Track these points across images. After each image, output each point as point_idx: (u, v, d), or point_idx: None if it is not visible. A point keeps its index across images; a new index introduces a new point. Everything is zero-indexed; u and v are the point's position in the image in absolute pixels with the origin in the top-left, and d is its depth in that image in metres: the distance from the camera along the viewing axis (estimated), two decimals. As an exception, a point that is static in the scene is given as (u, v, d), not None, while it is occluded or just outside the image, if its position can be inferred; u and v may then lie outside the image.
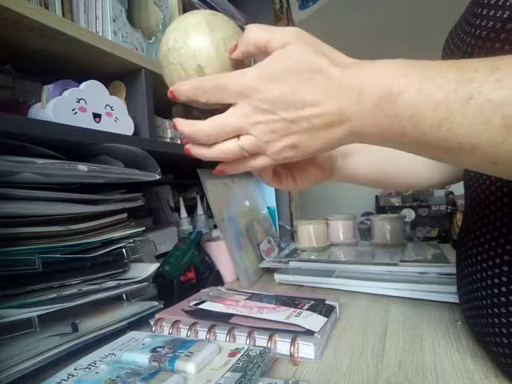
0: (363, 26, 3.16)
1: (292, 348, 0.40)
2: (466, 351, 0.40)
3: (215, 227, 0.85)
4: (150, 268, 0.55)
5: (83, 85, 0.53)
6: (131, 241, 0.55)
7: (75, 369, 0.37)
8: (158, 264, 0.57)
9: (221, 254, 0.76)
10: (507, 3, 0.32)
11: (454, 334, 0.44)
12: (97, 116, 0.54)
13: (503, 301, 0.33)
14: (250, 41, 0.31)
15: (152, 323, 0.48)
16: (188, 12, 0.35)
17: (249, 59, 0.35)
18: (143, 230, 0.58)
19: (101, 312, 0.48)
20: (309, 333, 0.41)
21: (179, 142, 0.70)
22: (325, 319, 0.45)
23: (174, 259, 0.64)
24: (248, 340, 0.42)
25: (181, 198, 0.83)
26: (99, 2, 0.58)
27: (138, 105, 0.63)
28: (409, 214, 1.09)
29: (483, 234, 0.38)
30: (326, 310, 0.48)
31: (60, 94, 0.51)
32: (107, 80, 0.61)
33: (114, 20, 0.60)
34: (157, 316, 0.49)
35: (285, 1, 1.82)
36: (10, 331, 0.37)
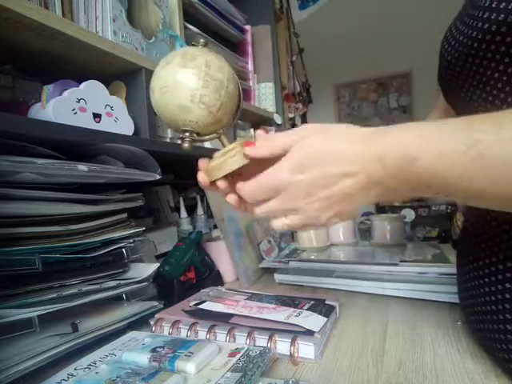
0: (363, 26, 3.16)
1: (292, 348, 0.40)
2: (466, 351, 0.40)
3: (215, 227, 0.85)
4: (150, 268, 0.55)
5: (83, 85, 0.53)
6: (131, 241, 0.55)
7: (75, 369, 0.37)
8: (158, 264, 0.57)
9: (221, 254, 0.76)
10: (501, 6, 0.32)
11: (454, 334, 0.44)
12: (97, 116, 0.54)
13: (507, 307, 0.33)
14: (277, 145, 0.35)
15: (152, 323, 0.48)
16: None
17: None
18: (143, 230, 0.58)
19: (101, 312, 0.48)
20: (309, 333, 0.41)
21: (179, 142, 0.70)
22: (325, 319, 0.45)
23: (174, 259, 0.63)
24: (248, 340, 0.42)
25: (181, 198, 0.83)
26: (99, 2, 0.58)
27: (138, 105, 0.63)
28: (409, 214, 1.09)
29: (488, 238, 0.38)
30: (326, 310, 0.48)
31: (60, 94, 0.51)
32: (107, 80, 0.61)
33: (114, 20, 0.60)
34: (157, 316, 0.49)
35: (285, 1, 1.81)
36: (10, 331, 0.37)
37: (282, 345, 0.41)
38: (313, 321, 0.44)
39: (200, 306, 0.51)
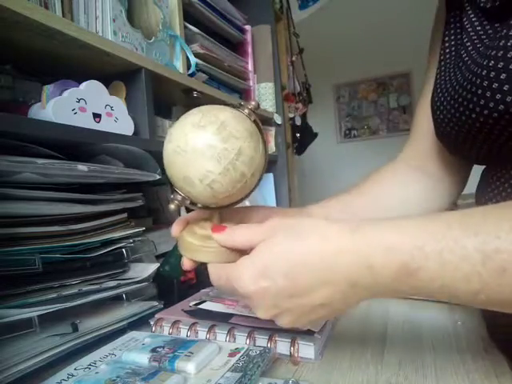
0: (363, 26, 3.16)
1: (292, 348, 0.40)
2: (466, 351, 0.40)
3: (215, 227, 0.85)
4: (150, 268, 0.55)
5: (83, 85, 0.53)
6: (131, 241, 0.55)
7: (75, 369, 0.37)
8: (158, 264, 0.57)
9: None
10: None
11: (454, 334, 0.44)
12: (97, 116, 0.54)
13: None
14: (240, 242, 0.32)
15: (152, 323, 0.48)
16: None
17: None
18: (143, 230, 0.58)
19: (101, 312, 0.48)
20: (309, 333, 0.41)
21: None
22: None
23: (174, 259, 0.63)
24: (248, 340, 0.42)
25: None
26: (99, 2, 0.58)
27: (138, 105, 0.63)
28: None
29: None
30: (326, 310, 0.48)
31: (60, 94, 0.51)
32: (107, 80, 0.61)
33: (114, 20, 0.60)
34: (157, 316, 0.49)
35: (285, 1, 1.81)
36: (10, 331, 0.37)
37: (282, 345, 0.41)
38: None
39: (200, 306, 0.51)
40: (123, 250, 0.53)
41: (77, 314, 0.46)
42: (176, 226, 0.36)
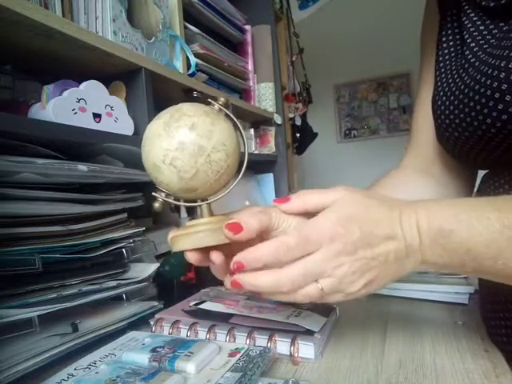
0: (363, 26, 3.16)
1: (292, 348, 0.40)
2: (466, 351, 0.40)
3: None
4: (150, 268, 0.55)
5: (83, 85, 0.53)
6: (131, 241, 0.55)
7: (75, 369, 0.37)
8: (158, 264, 0.57)
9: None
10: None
11: (454, 334, 0.44)
12: (97, 116, 0.54)
13: None
14: (312, 201, 0.33)
15: (152, 323, 0.48)
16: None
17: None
18: (143, 230, 0.58)
19: (101, 312, 0.48)
20: (309, 333, 0.41)
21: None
22: (325, 319, 0.45)
23: (174, 259, 0.63)
24: (248, 340, 0.42)
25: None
26: (99, 2, 0.58)
27: (138, 105, 0.63)
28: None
29: None
30: (326, 310, 0.48)
31: (60, 94, 0.51)
32: (107, 80, 0.61)
33: (114, 20, 0.60)
34: (157, 316, 0.49)
35: (285, 1, 1.82)
36: (10, 331, 0.37)
37: (282, 345, 0.41)
38: (313, 321, 0.44)
39: (200, 306, 0.51)
40: (123, 250, 0.53)
41: (77, 314, 0.46)
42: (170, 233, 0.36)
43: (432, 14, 0.49)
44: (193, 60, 0.80)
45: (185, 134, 0.31)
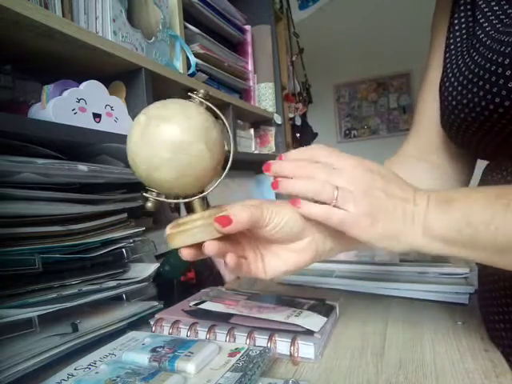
0: (363, 26, 3.16)
1: (292, 348, 0.40)
2: (466, 351, 0.40)
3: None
4: (150, 268, 0.55)
5: (83, 85, 0.53)
6: (131, 241, 0.55)
7: (75, 369, 0.37)
8: (158, 264, 0.57)
9: (221, 254, 0.75)
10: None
11: (454, 334, 0.44)
12: (97, 116, 0.54)
13: None
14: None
15: (152, 323, 0.48)
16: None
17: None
18: (143, 230, 0.58)
19: (101, 312, 0.48)
20: (309, 333, 0.41)
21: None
22: (325, 319, 0.45)
23: (174, 259, 0.63)
24: (248, 340, 0.42)
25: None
26: (99, 2, 0.58)
27: (138, 105, 0.63)
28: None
29: None
30: (326, 310, 0.48)
31: (60, 94, 0.51)
32: (107, 80, 0.61)
33: (114, 20, 0.60)
34: (157, 316, 0.49)
35: (285, 1, 1.82)
36: (10, 331, 0.37)
37: (282, 345, 0.41)
38: (313, 321, 0.44)
39: (200, 306, 0.51)
40: (123, 250, 0.53)
41: (77, 314, 0.46)
42: (167, 228, 0.37)
43: None
44: (193, 60, 0.80)
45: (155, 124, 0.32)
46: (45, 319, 0.40)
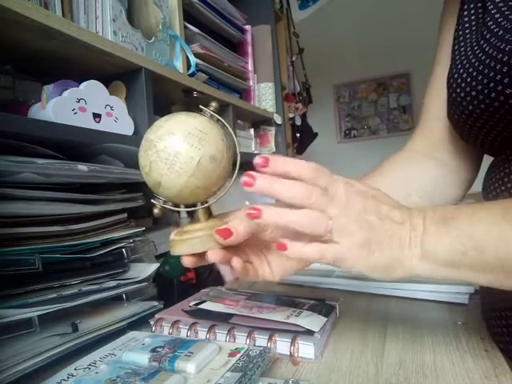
0: (363, 26, 3.16)
1: (292, 348, 0.40)
2: (466, 351, 0.40)
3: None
4: (150, 268, 0.55)
5: (83, 85, 0.53)
6: (131, 241, 0.55)
7: (75, 369, 0.37)
8: (158, 264, 0.57)
9: (221, 254, 0.75)
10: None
11: (454, 334, 0.44)
12: (97, 116, 0.54)
13: None
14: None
15: (152, 323, 0.48)
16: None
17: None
18: (143, 230, 0.58)
19: (101, 312, 0.48)
20: (309, 333, 0.41)
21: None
22: (325, 319, 0.45)
23: (174, 259, 0.63)
24: (248, 340, 0.42)
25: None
26: (99, 2, 0.58)
27: (138, 105, 0.63)
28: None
29: None
30: (326, 310, 0.48)
31: (60, 94, 0.51)
32: (107, 80, 0.61)
33: (114, 20, 0.60)
34: (157, 316, 0.49)
35: (285, 1, 1.81)
36: (10, 331, 0.37)
37: (282, 345, 0.41)
38: (313, 320, 0.44)
39: (200, 306, 0.51)
40: (123, 250, 0.53)
41: (77, 314, 0.46)
42: (172, 233, 0.37)
43: None
44: (193, 60, 0.81)
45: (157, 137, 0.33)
46: (45, 319, 0.40)
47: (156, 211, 0.35)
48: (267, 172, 0.31)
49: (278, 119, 1.24)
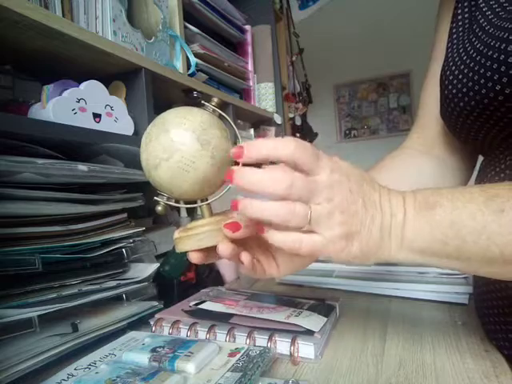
0: (363, 26, 3.16)
1: (292, 348, 0.40)
2: (466, 351, 0.40)
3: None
4: (150, 268, 0.55)
5: (83, 85, 0.53)
6: (131, 241, 0.55)
7: (75, 369, 0.37)
8: (158, 264, 0.57)
9: (221, 254, 0.75)
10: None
11: (454, 334, 0.44)
12: (97, 116, 0.54)
13: None
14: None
15: (152, 323, 0.48)
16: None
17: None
18: (143, 230, 0.58)
19: (101, 312, 0.48)
20: (309, 333, 0.41)
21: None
22: (325, 319, 0.45)
23: (174, 259, 0.63)
24: (248, 340, 0.42)
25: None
26: (99, 2, 0.58)
27: (138, 105, 0.63)
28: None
29: None
30: (326, 310, 0.48)
31: (60, 94, 0.51)
32: (107, 80, 0.61)
33: (114, 20, 0.60)
34: (157, 316, 0.49)
35: (285, 1, 1.81)
36: (10, 331, 0.37)
37: (282, 345, 0.41)
38: (313, 320, 0.44)
39: (200, 306, 0.51)
40: (123, 250, 0.53)
41: (77, 314, 0.46)
42: (175, 232, 0.37)
43: None
44: (193, 60, 0.81)
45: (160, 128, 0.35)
46: (45, 319, 0.40)
47: (159, 208, 0.35)
48: (244, 162, 0.29)
49: (278, 119, 1.24)
